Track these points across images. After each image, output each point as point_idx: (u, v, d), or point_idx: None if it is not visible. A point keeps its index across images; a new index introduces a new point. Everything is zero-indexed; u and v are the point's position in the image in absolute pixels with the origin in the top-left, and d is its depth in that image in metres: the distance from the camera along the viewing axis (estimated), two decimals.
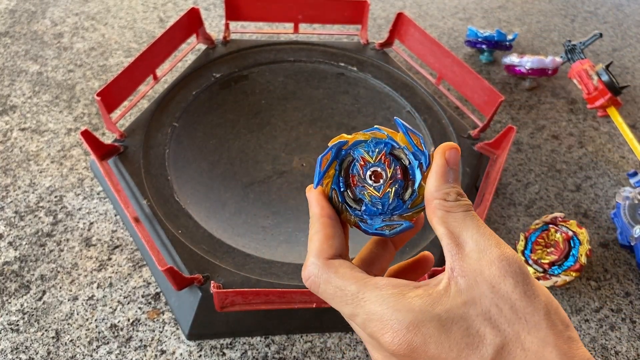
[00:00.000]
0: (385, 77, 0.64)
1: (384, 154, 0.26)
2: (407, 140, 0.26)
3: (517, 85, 0.78)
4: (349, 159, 0.27)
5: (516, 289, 0.23)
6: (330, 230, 0.26)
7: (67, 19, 0.81)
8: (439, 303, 0.23)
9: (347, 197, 0.27)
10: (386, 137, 0.26)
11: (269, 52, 0.64)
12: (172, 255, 0.45)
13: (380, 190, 0.26)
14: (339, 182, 0.27)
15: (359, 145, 0.27)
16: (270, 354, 0.46)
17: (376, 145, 0.26)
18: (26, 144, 0.61)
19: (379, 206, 0.26)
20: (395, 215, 0.26)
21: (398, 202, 0.26)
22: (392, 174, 0.26)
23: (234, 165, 0.58)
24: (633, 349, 0.49)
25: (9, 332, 0.45)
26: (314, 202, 0.27)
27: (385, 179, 0.26)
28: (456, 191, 0.25)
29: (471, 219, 0.24)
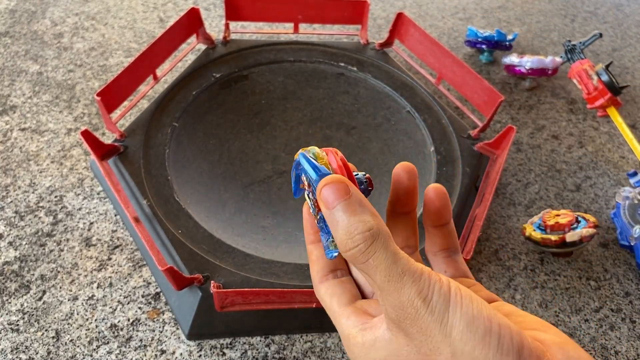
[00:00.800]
0: (385, 77, 0.64)
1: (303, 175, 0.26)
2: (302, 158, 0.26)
3: (517, 85, 0.78)
4: None
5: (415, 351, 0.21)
6: (314, 256, 0.27)
7: (67, 19, 0.81)
8: (368, 354, 0.23)
9: None
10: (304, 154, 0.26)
11: (269, 52, 0.65)
12: (172, 255, 0.45)
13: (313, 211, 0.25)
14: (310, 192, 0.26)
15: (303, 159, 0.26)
16: (270, 353, 0.46)
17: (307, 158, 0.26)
18: (26, 144, 0.61)
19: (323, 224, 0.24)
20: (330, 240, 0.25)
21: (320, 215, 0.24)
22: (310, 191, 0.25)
23: (234, 165, 0.58)
24: (633, 349, 0.49)
25: (9, 332, 0.45)
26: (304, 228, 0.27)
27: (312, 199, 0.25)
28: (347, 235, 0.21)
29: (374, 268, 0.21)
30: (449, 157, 0.56)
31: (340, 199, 0.21)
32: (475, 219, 0.49)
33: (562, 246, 0.51)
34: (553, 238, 0.51)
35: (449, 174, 0.54)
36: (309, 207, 0.26)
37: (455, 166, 0.55)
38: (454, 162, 0.55)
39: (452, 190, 0.53)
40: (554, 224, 0.52)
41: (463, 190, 0.52)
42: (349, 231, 0.21)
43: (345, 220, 0.21)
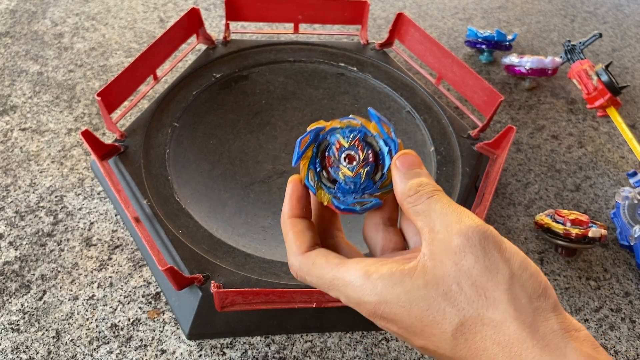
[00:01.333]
0: (385, 78, 0.64)
1: (358, 139, 0.29)
2: (379, 129, 0.29)
3: (517, 85, 0.78)
4: (325, 143, 0.29)
5: (477, 264, 0.23)
6: (299, 227, 0.29)
7: (68, 19, 0.81)
8: (400, 284, 0.24)
9: (322, 177, 0.29)
10: (360, 126, 0.29)
11: (269, 52, 0.65)
12: (173, 255, 0.45)
13: (353, 171, 0.28)
14: (315, 162, 0.29)
15: (335, 131, 0.29)
16: (270, 353, 0.46)
17: (351, 132, 0.29)
18: (27, 144, 0.62)
19: (352, 185, 0.28)
20: (366, 194, 0.28)
21: (369, 182, 0.28)
22: (364, 157, 0.29)
23: (234, 165, 0.58)
24: (633, 349, 0.49)
25: (10, 331, 0.45)
26: (285, 202, 0.30)
27: (358, 161, 0.28)
28: (417, 183, 0.26)
29: (435, 201, 0.25)
30: (449, 157, 0.56)
31: (416, 167, 0.27)
32: None
33: (580, 241, 0.52)
34: (575, 231, 0.52)
35: (448, 173, 0.54)
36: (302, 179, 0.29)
37: (455, 166, 0.55)
38: (453, 162, 0.55)
39: (452, 190, 0.53)
40: (575, 219, 0.53)
41: (463, 190, 0.52)
42: (419, 184, 0.26)
43: (416, 179, 0.26)
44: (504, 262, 0.23)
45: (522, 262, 0.24)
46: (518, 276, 0.23)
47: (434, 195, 0.25)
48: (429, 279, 0.24)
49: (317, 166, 0.29)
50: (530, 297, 0.23)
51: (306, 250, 0.28)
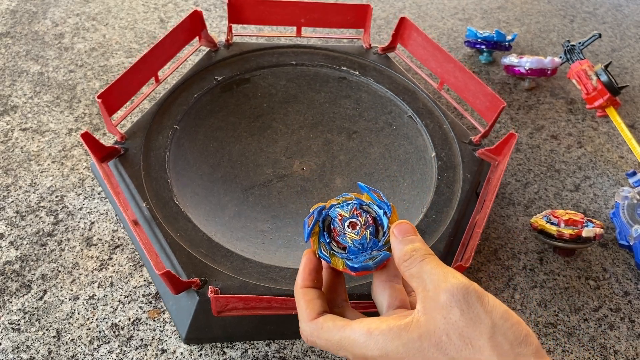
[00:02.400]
0: (387, 82, 0.64)
1: (355, 209, 0.34)
2: (370, 197, 0.34)
3: (517, 86, 0.78)
4: (328, 219, 0.34)
5: (462, 317, 0.26)
6: (309, 296, 0.32)
7: (68, 20, 0.81)
8: (398, 338, 0.28)
9: (332, 246, 0.34)
10: (354, 198, 0.35)
11: (271, 55, 0.65)
12: (170, 259, 0.45)
13: (358, 234, 0.33)
14: (324, 235, 0.34)
15: (334, 207, 0.34)
16: (270, 353, 0.46)
17: (347, 204, 0.34)
18: (27, 144, 0.62)
19: (360, 246, 0.33)
20: (374, 251, 0.33)
21: (374, 241, 0.33)
22: (364, 221, 0.33)
23: (235, 168, 0.58)
24: (632, 348, 0.49)
25: (10, 331, 0.46)
26: (299, 273, 0.34)
27: (361, 226, 0.33)
28: (411, 249, 0.30)
29: (426, 263, 0.29)
30: (450, 162, 0.56)
31: (411, 234, 0.31)
32: (475, 225, 0.49)
33: (575, 241, 0.52)
34: (568, 232, 0.52)
35: (449, 179, 0.54)
36: (315, 251, 0.34)
37: (456, 172, 0.55)
38: (455, 167, 0.55)
39: (453, 197, 0.53)
40: (568, 219, 0.53)
41: (464, 197, 0.52)
42: (413, 249, 0.30)
43: (410, 245, 0.31)
44: (486, 313, 0.26)
45: (504, 313, 0.27)
46: (499, 325, 0.26)
47: (425, 259, 0.29)
48: (422, 332, 0.27)
49: (326, 238, 0.34)
50: (512, 344, 0.26)
51: (315, 317, 0.31)
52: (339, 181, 0.58)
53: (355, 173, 0.59)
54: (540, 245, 0.57)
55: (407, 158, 0.59)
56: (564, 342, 0.49)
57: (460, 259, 0.47)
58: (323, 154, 0.61)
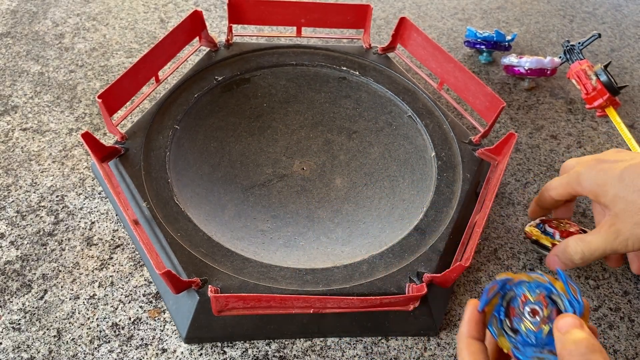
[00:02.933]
0: (387, 82, 0.64)
1: (543, 295, 0.31)
2: (565, 289, 0.31)
3: (516, 86, 0.78)
4: (511, 294, 0.32)
5: None
6: (474, 348, 0.31)
7: (69, 20, 0.81)
8: None
9: (504, 324, 0.31)
10: (547, 282, 0.31)
11: (272, 55, 0.65)
12: (171, 258, 0.46)
13: (536, 325, 0.30)
14: (500, 311, 0.31)
15: (522, 284, 0.31)
16: (270, 352, 0.46)
17: (537, 287, 0.31)
18: (27, 143, 0.62)
19: (533, 339, 0.30)
20: (546, 350, 0.30)
21: (550, 339, 0.29)
22: (548, 314, 0.30)
23: (235, 168, 0.58)
24: (632, 348, 0.49)
25: (11, 331, 0.46)
26: (464, 322, 0.32)
27: (542, 317, 0.30)
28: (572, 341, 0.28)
29: None
30: (450, 162, 0.56)
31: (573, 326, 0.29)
32: (475, 225, 0.49)
33: None
34: None
35: (449, 179, 0.54)
36: (485, 323, 0.32)
37: (456, 172, 0.55)
38: (454, 167, 0.55)
39: (453, 196, 0.53)
40: (564, 230, 0.52)
41: (463, 197, 0.52)
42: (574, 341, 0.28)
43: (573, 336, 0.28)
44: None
45: None
46: None
47: (588, 356, 0.27)
48: None
49: (501, 314, 0.31)
50: None
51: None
52: (339, 181, 0.58)
53: (355, 173, 0.59)
54: None
55: (407, 158, 0.59)
56: None
57: (460, 258, 0.47)
58: (323, 154, 0.61)
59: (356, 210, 0.55)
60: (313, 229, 0.53)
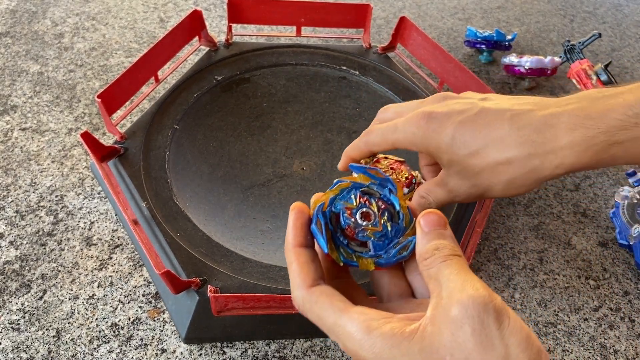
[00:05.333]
0: (387, 81, 0.64)
1: (360, 196, 0.29)
2: (366, 176, 0.29)
3: (516, 85, 0.78)
4: (333, 217, 0.29)
5: (472, 337, 0.22)
6: (303, 258, 0.28)
7: (68, 19, 0.81)
8: (398, 346, 0.24)
9: (352, 247, 0.29)
10: (350, 184, 0.29)
11: (271, 55, 0.65)
12: (170, 258, 0.45)
13: (377, 225, 0.28)
14: (339, 239, 0.29)
15: (335, 200, 0.29)
16: (270, 352, 0.46)
17: (348, 192, 0.29)
18: (27, 143, 0.62)
19: (384, 238, 0.28)
20: (400, 238, 0.28)
21: (396, 227, 0.28)
22: (377, 207, 0.28)
23: (234, 168, 0.58)
24: (632, 348, 0.49)
25: (10, 331, 0.46)
26: (289, 230, 0.29)
27: (375, 214, 0.28)
28: (434, 246, 0.26)
29: (446, 266, 0.25)
30: None
31: (438, 227, 0.27)
32: (475, 225, 0.49)
33: None
34: None
35: None
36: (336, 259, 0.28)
37: None
38: None
39: None
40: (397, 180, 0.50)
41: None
42: (436, 247, 0.26)
43: (434, 242, 0.27)
44: (501, 339, 0.22)
45: (523, 341, 0.22)
46: (514, 356, 0.22)
47: (447, 261, 0.25)
48: (425, 345, 0.23)
49: (342, 240, 0.29)
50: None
51: (310, 285, 0.27)
52: None
53: None
54: (540, 245, 0.57)
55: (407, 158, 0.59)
56: (564, 341, 0.49)
57: None
58: (323, 154, 0.61)
59: None
60: None
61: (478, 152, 0.32)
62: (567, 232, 0.59)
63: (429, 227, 0.27)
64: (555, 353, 0.48)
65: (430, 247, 0.26)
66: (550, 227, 0.59)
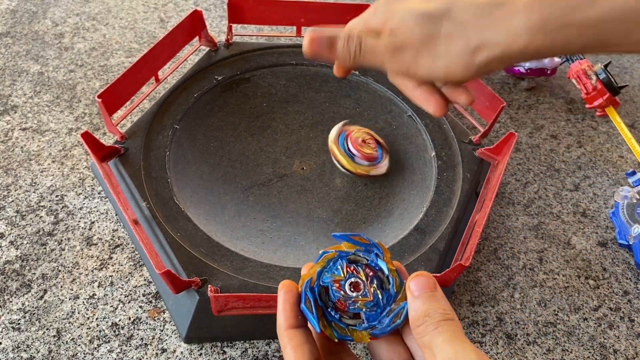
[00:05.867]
0: (387, 81, 0.63)
1: (346, 266, 0.28)
2: (351, 244, 0.29)
3: (516, 85, 0.78)
4: (322, 291, 0.28)
5: None
6: (296, 341, 0.27)
7: (68, 19, 0.81)
8: None
9: (345, 320, 0.28)
10: (336, 254, 0.29)
11: (271, 55, 0.65)
12: (170, 258, 0.45)
13: (367, 295, 0.28)
14: (330, 314, 0.28)
15: (322, 274, 0.28)
16: (270, 352, 0.46)
17: (334, 264, 0.28)
18: (27, 143, 0.62)
19: (376, 307, 0.28)
20: (392, 305, 0.28)
21: (387, 294, 0.28)
22: (365, 275, 0.28)
23: (235, 168, 0.58)
24: (632, 348, 0.49)
25: (10, 330, 0.46)
26: (279, 312, 0.28)
27: (364, 283, 0.28)
28: (424, 312, 0.26)
29: (438, 334, 0.25)
30: (450, 162, 0.56)
31: (427, 289, 0.27)
32: (475, 225, 0.49)
33: (363, 176, 0.55)
34: (360, 171, 0.54)
35: (449, 179, 0.54)
36: (330, 335, 0.28)
37: (456, 172, 0.55)
38: (454, 167, 0.55)
39: (453, 196, 0.53)
40: (366, 154, 0.54)
41: (463, 196, 0.52)
42: (426, 314, 0.26)
43: (425, 306, 0.26)
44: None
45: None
46: None
47: (438, 328, 0.25)
48: None
49: (334, 316, 0.28)
50: None
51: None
52: (339, 181, 0.58)
53: None
54: (540, 245, 0.57)
55: (407, 158, 0.59)
56: (564, 341, 0.49)
57: (460, 258, 0.47)
58: (323, 154, 0.61)
59: (356, 210, 0.55)
60: (313, 228, 0.53)
61: None
62: (566, 232, 0.59)
63: (418, 290, 0.27)
64: (555, 353, 0.48)
65: (421, 313, 0.26)
66: (550, 227, 0.59)
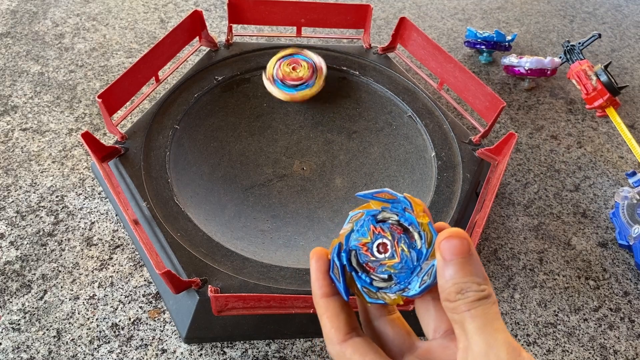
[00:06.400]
0: (387, 82, 0.64)
1: (373, 227, 0.26)
2: (378, 201, 0.27)
3: (516, 86, 0.78)
4: (352, 255, 0.27)
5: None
6: (332, 310, 0.26)
7: (69, 20, 0.81)
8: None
9: (377, 283, 0.26)
10: (364, 214, 0.27)
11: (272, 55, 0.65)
12: (171, 258, 0.45)
13: (395, 256, 0.26)
14: (361, 279, 0.26)
15: (350, 237, 0.27)
16: (270, 352, 0.46)
17: (362, 226, 0.27)
18: (27, 144, 0.62)
19: (406, 268, 0.26)
20: (423, 264, 0.25)
21: (416, 251, 0.26)
22: (391, 235, 0.26)
23: (235, 168, 0.58)
24: (632, 348, 0.49)
25: (10, 331, 0.46)
26: (313, 280, 0.27)
27: (392, 244, 0.26)
28: (457, 288, 0.23)
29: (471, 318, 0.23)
30: (450, 162, 0.56)
31: (460, 255, 0.23)
32: (475, 225, 0.49)
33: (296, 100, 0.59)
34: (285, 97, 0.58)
35: (449, 179, 0.54)
36: (363, 300, 0.26)
37: (456, 172, 0.55)
38: (454, 167, 0.55)
39: (453, 196, 0.53)
40: (295, 77, 0.59)
41: (463, 196, 0.52)
42: (459, 290, 0.23)
43: (459, 282, 0.23)
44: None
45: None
46: None
47: (471, 310, 0.23)
48: None
49: (365, 280, 0.26)
50: None
51: (343, 339, 0.25)
52: (339, 181, 0.58)
53: (355, 173, 0.59)
54: (540, 245, 0.57)
55: (407, 158, 0.59)
56: (564, 342, 0.49)
57: None
58: (323, 154, 0.61)
59: None
60: (313, 229, 0.53)
61: None
62: (567, 232, 0.59)
63: (450, 255, 0.23)
64: (555, 353, 0.48)
65: (453, 289, 0.23)
66: (550, 228, 0.59)
